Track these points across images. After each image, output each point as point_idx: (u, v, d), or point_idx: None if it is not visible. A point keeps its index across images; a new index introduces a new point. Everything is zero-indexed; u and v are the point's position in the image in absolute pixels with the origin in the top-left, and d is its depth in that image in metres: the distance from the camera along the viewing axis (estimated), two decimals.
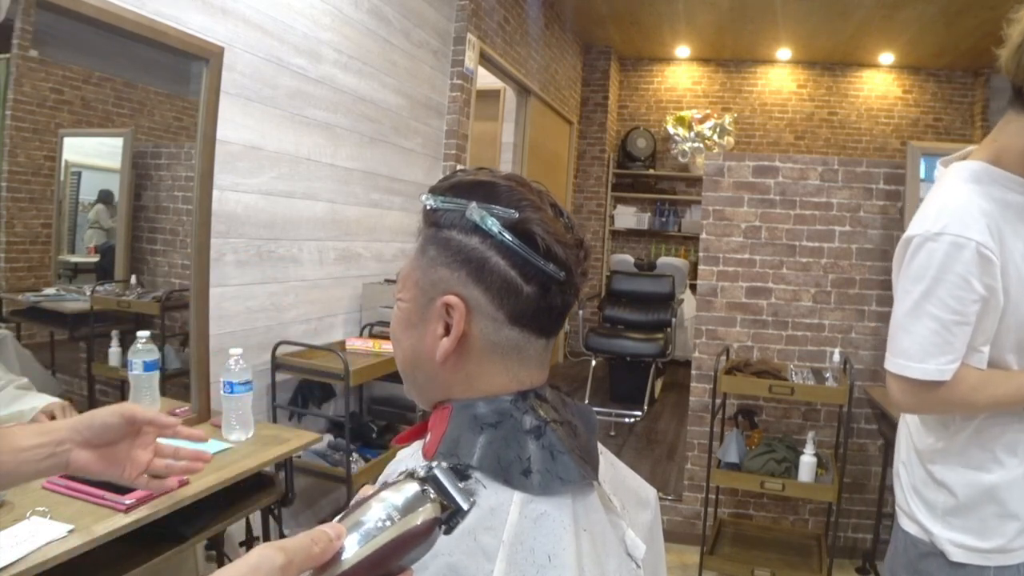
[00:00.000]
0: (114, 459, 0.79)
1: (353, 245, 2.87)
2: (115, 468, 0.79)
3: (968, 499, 1.11)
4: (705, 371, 2.92)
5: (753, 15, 5.26)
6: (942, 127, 6.16)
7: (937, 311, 1.05)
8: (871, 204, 2.78)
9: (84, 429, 0.76)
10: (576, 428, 0.63)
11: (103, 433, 0.77)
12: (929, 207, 1.10)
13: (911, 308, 1.08)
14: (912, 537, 1.18)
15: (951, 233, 1.03)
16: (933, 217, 1.07)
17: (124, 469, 0.80)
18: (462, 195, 0.60)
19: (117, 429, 0.78)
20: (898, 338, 1.11)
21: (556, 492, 0.58)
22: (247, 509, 1.69)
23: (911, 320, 1.08)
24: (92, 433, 0.77)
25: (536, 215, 0.59)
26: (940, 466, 1.14)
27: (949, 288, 1.04)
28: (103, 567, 1.30)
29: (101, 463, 0.78)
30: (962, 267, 1.03)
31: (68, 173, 1.71)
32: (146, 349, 1.68)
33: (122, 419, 0.78)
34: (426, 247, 0.62)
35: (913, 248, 1.09)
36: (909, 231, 1.11)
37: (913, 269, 1.08)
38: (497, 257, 0.58)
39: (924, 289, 1.06)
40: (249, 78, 2.17)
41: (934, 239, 1.05)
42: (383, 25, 2.94)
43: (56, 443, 0.75)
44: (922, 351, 1.07)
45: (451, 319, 0.59)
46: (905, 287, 1.10)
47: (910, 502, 1.19)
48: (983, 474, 1.10)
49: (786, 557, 2.67)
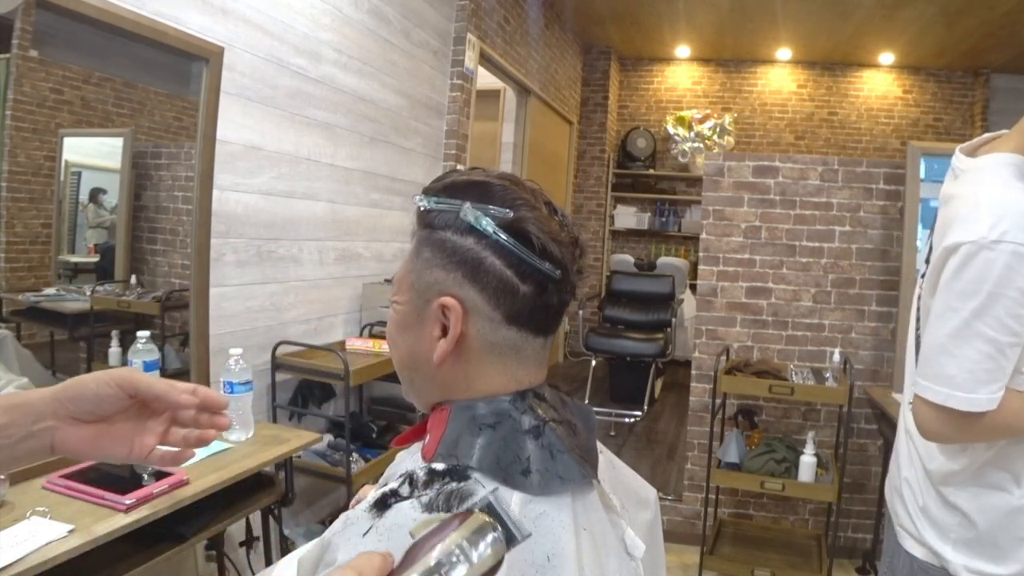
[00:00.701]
0: (115, 436, 0.62)
1: (353, 245, 2.87)
2: (117, 447, 0.62)
3: (987, 524, 1.02)
4: (705, 371, 2.92)
5: (753, 15, 5.26)
6: (942, 127, 6.16)
7: (992, 332, 0.91)
8: (871, 204, 2.78)
9: (68, 402, 0.60)
10: (575, 427, 0.63)
11: (95, 406, 0.60)
12: (980, 209, 0.94)
13: (959, 328, 0.94)
14: (920, 561, 1.10)
15: (1012, 241, 0.89)
16: (989, 222, 0.91)
17: (131, 447, 0.63)
18: (456, 196, 0.60)
19: (112, 401, 0.60)
20: (939, 362, 0.96)
21: (555, 491, 0.58)
22: (247, 509, 1.70)
23: (958, 342, 0.94)
24: (79, 407, 0.60)
25: (531, 214, 0.59)
26: (954, 488, 1.05)
27: (1008, 305, 0.90)
28: (103, 567, 1.30)
29: (97, 442, 0.61)
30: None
31: (68, 173, 1.71)
32: (146, 349, 1.68)
33: (119, 391, 0.60)
34: (421, 249, 0.62)
35: (963, 258, 0.93)
36: (955, 237, 0.94)
37: (963, 282, 0.93)
38: (492, 257, 0.58)
39: (977, 306, 0.92)
40: (249, 78, 2.17)
41: (991, 248, 0.90)
42: (383, 25, 2.94)
43: (32, 420, 0.59)
44: (972, 379, 0.93)
45: (448, 320, 0.59)
46: (950, 303, 0.95)
47: (918, 524, 1.10)
48: (1002, 495, 1.01)
49: (786, 557, 2.67)
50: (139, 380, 0.60)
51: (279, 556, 1.95)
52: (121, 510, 1.30)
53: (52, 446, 0.60)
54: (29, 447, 0.59)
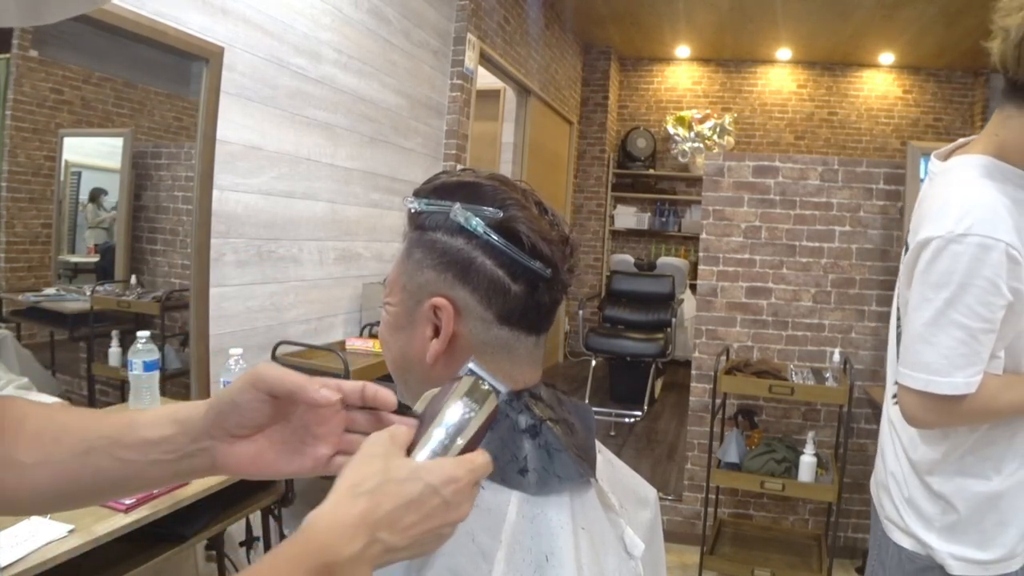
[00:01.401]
0: (279, 450, 0.54)
1: (353, 245, 2.87)
2: (285, 461, 0.54)
3: (970, 511, 1.05)
4: (705, 371, 2.92)
5: (753, 15, 5.26)
6: (942, 127, 6.16)
7: (964, 319, 0.97)
8: (871, 204, 2.78)
9: (217, 418, 0.53)
10: (573, 426, 0.63)
11: (241, 417, 0.53)
12: (948, 206, 1.00)
13: (933, 317, 0.99)
14: (908, 552, 1.13)
15: (978, 234, 0.95)
16: (955, 217, 0.97)
17: (302, 459, 0.54)
18: (446, 197, 0.60)
19: (256, 407, 0.52)
20: (918, 351, 1.01)
21: (553, 490, 0.58)
22: (247, 509, 1.69)
23: (934, 330, 0.99)
24: (228, 421, 0.53)
25: (521, 213, 0.59)
26: (938, 478, 1.08)
27: (977, 294, 0.96)
28: (103, 567, 1.30)
29: (261, 459, 0.54)
30: (990, 270, 0.95)
31: (68, 173, 1.71)
32: (146, 349, 1.68)
33: (255, 392, 0.52)
34: (411, 250, 0.62)
35: (933, 251, 0.99)
36: (926, 232, 1.01)
37: (935, 274, 0.99)
38: (483, 257, 0.59)
39: (949, 296, 0.97)
40: (249, 78, 2.17)
41: (958, 241, 0.96)
42: (383, 25, 2.94)
43: (190, 439, 0.53)
44: (949, 364, 0.98)
45: (439, 321, 0.59)
46: (924, 294, 1.01)
47: (904, 515, 1.13)
48: (983, 482, 1.05)
49: (786, 557, 2.67)
50: (270, 376, 0.51)
51: None
52: (121, 510, 1.29)
53: (214, 466, 0.54)
54: (190, 465, 0.54)
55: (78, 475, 0.52)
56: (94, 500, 0.56)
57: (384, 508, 0.44)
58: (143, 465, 0.53)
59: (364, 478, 0.45)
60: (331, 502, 0.44)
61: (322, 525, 0.43)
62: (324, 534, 0.42)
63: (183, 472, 0.54)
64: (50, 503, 0.55)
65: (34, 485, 0.52)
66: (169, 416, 0.54)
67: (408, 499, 0.44)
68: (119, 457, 0.52)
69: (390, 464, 0.46)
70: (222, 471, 0.54)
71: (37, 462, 0.52)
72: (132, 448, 0.53)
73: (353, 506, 0.43)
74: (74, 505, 0.56)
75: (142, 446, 0.53)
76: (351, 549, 0.42)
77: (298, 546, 0.42)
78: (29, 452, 0.52)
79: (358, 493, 0.44)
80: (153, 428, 0.53)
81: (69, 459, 0.52)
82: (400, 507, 0.44)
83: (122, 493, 0.56)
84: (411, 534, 0.45)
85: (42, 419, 0.54)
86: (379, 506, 0.43)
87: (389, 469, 0.45)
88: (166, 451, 0.53)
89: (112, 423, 0.54)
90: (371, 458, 0.46)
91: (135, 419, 0.54)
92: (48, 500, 0.54)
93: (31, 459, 0.52)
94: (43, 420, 0.54)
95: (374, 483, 0.44)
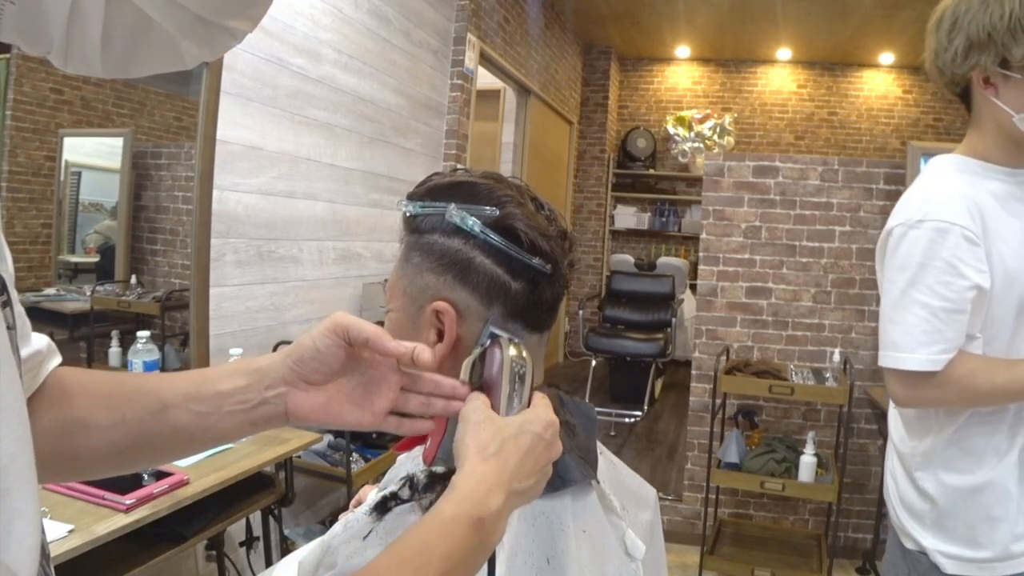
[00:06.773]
0: (345, 399, 0.56)
1: (353, 245, 2.87)
2: (349, 411, 0.56)
3: (950, 505, 1.06)
4: (705, 371, 2.92)
5: (753, 15, 5.26)
6: (942, 127, 6.16)
7: (925, 298, 1.03)
8: (871, 204, 2.78)
9: (295, 364, 0.54)
10: (575, 427, 0.63)
11: (319, 363, 0.54)
12: (910, 198, 1.09)
13: (897, 298, 1.06)
14: (912, 553, 1.13)
15: (933, 219, 1.02)
16: (914, 206, 1.06)
17: (362, 410, 0.56)
18: (440, 198, 0.60)
19: (333, 352, 0.54)
20: (887, 331, 1.08)
21: (555, 493, 0.57)
22: (247, 509, 1.70)
23: (898, 310, 1.06)
24: (305, 367, 0.54)
25: (517, 210, 0.59)
26: (923, 473, 1.10)
27: (936, 274, 1.02)
28: (103, 567, 1.30)
29: (329, 407, 0.56)
30: (948, 252, 1.01)
31: (68, 173, 1.71)
32: (146, 349, 1.68)
33: (335, 338, 0.54)
34: (409, 254, 0.61)
35: (896, 238, 1.07)
36: (890, 222, 1.10)
37: (897, 259, 1.06)
38: (482, 256, 0.58)
39: (909, 277, 1.04)
40: (249, 78, 2.17)
41: (916, 226, 1.04)
42: (383, 25, 2.93)
43: (265, 386, 0.54)
44: (912, 340, 1.04)
45: (443, 325, 0.59)
46: (890, 278, 1.08)
47: (900, 516, 1.15)
48: (965, 476, 1.06)
49: (786, 557, 2.67)
50: (350, 322, 0.53)
51: (279, 556, 1.95)
52: (121, 510, 1.29)
53: (286, 412, 0.56)
54: (265, 413, 0.55)
55: (156, 432, 0.54)
56: (171, 456, 0.59)
57: (511, 463, 0.51)
58: (219, 417, 0.54)
59: (486, 442, 0.51)
60: (468, 467, 0.50)
61: (469, 487, 0.49)
62: (474, 492, 0.48)
63: (258, 421, 0.55)
64: (129, 461, 0.57)
65: (111, 446, 0.54)
66: (242, 368, 0.56)
67: (525, 449, 0.52)
68: (195, 411, 0.54)
69: (498, 424, 0.53)
70: (294, 418, 0.56)
71: (113, 423, 0.54)
72: (207, 400, 0.54)
73: (488, 466, 0.50)
74: (150, 463, 0.66)
75: (216, 398, 0.54)
76: (497, 502, 0.49)
77: (454, 505, 0.48)
78: (105, 414, 0.54)
79: (487, 455, 0.50)
80: (226, 380, 0.55)
81: (146, 417, 0.54)
82: (522, 458, 0.52)
83: (199, 447, 0.58)
84: (532, 479, 0.52)
85: (112, 382, 0.56)
86: (507, 462, 0.51)
87: (501, 429, 0.52)
88: (240, 401, 0.55)
89: (185, 379, 0.56)
90: (481, 424, 0.53)
91: (206, 374, 0.57)
92: (127, 458, 0.56)
93: (107, 420, 0.54)
94: (113, 383, 0.56)
95: (497, 444, 0.51)
